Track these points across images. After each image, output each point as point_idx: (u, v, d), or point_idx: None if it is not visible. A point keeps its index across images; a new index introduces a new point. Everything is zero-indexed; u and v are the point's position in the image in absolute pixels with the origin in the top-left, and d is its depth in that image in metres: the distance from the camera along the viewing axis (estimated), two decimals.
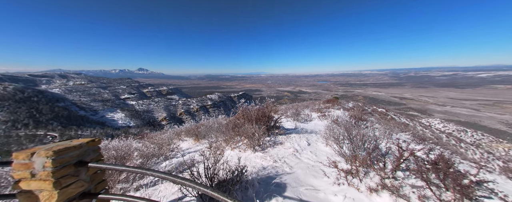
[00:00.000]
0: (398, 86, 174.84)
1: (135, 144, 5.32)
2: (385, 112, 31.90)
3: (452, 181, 2.18)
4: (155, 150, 4.55)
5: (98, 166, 1.44)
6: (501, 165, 7.58)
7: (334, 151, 4.23)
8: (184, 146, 5.80)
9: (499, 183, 3.76)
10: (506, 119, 64.78)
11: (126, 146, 4.13)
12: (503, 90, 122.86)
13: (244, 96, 53.83)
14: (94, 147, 1.63)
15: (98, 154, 1.64)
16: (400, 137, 6.70)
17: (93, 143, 1.61)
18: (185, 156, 4.48)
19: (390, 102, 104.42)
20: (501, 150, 30.70)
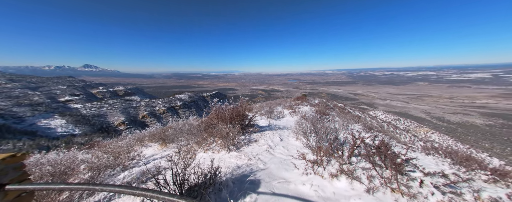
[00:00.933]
0: (353, 84, 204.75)
1: (82, 155, 4.40)
2: (343, 106, 36.79)
3: (390, 161, 2.72)
4: (110, 160, 3.89)
5: (21, 188, 1.12)
6: (421, 145, 9.92)
7: (303, 144, 4.61)
8: (148, 153, 5.17)
9: (420, 159, 4.92)
10: (425, 109, 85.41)
11: (69, 159, 3.36)
12: (423, 86, 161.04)
13: (217, 96, 51.68)
14: (16, 164, 1.26)
15: (21, 172, 1.28)
16: (354, 127, 7.88)
17: (13, 159, 1.24)
18: (149, 164, 4.00)
19: (347, 98, 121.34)
20: (422, 133, 40.21)
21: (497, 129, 55.37)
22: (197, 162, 3.08)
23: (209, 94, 51.15)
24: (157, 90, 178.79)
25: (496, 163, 9.90)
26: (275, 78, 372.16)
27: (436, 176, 2.60)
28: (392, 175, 2.52)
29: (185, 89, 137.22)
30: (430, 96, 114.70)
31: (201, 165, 3.01)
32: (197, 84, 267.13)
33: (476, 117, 67.91)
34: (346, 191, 2.35)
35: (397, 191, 2.26)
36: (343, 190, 2.40)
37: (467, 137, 49.60)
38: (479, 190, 2.37)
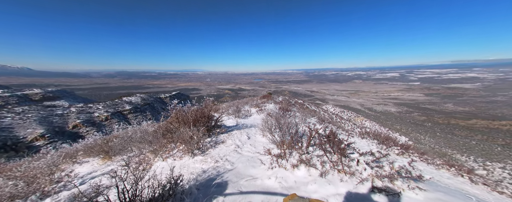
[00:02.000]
0: (309, 83, 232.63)
1: None
2: (302, 102, 41.05)
3: (336, 147, 3.27)
4: (19, 188, 2.84)
5: None
6: (358, 131, 12.45)
7: (268, 140, 4.86)
8: (83, 171, 4.11)
9: (357, 142, 6.14)
10: (360, 102, 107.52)
11: None
12: (358, 83, 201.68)
13: (178, 97, 46.18)
14: None
15: None
16: (311, 120, 8.99)
17: None
18: (84, 184, 3.19)
19: (305, 95, 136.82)
20: (359, 121, 50.19)
21: (404, 114, 76.56)
22: (153, 174, 2.70)
23: (168, 95, 44.58)
24: (95, 92, 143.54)
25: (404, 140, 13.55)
26: (241, 77, 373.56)
27: (367, 155, 3.33)
28: (338, 158, 3.05)
29: (136, 90, 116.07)
30: (363, 91, 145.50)
31: (159, 176, 2.66)
32: (152, 84, 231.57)
33: (391, 106, 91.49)
34: (305, 178, 2.65)
35: (342, 171, 2.75)
36: (302, 177, 2.70)
37: (386, 121, 66.10)
38: (392, 161, 3.21)
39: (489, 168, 34.26)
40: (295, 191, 2.28)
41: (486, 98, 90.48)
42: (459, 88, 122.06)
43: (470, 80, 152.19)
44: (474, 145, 45.72)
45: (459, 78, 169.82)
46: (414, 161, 4.85)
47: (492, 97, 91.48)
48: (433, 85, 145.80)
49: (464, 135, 52.06)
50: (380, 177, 2.61)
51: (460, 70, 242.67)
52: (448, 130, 56.39)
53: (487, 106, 77.41)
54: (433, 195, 2.46)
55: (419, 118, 70.70)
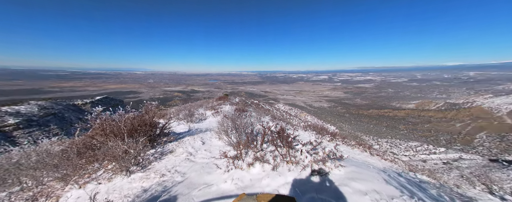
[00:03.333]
0: (263, 84, 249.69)
1: None
2: (258, 103, 43.22)
3: (285, 141, 3.69)
4: None
5: None
6: (303, 125, 14.68)
7: (225, 142, 4.76)
8: None
9: (301, 135, 7.21)
10: (303, 100, 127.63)
11: None
12: (301, 84, 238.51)
13: (105, 102, 35.25)
14: None
15: None
16: (265, 119, 9.67)
17: None
18: None
19: (260, 95, 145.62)
20: (303, 116, 59.03)
21: (332, 109, 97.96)
22: None
23: (89, 101, 32.52)
24: None
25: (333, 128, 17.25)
26: (194, 78, 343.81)
27: (307, 145, 3.99)
28: (287, 151, 3.46)
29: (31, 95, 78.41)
30: (305, 91, 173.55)
31: None
32: (59, 87, 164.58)
33: (324, 102, 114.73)
34: (259, 174, 2.82)
35: (289, 162, 3.14)
36: (257, 174, 2.85)
37: (321, 115, 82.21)
38: (324, 147, 4.03)
39: (380, 143, 50.11)
40: (250, 188, 2.37)
41: (376, 95, 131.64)
42: (362, 87, 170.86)
43: (368, 82, 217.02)
44: (372, 128, 65.48)
45: (362, 80, 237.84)
46: (338, 145, 6.28)
47: (379, 94, 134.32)
48: (348, 85, 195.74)
49: (366, 121, 73.50)
50: (317, 161, 3.20)
51: (363, 75, 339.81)
52: (358, 119, 77.63)
53: (377, 100, 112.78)
54: (350, 169, 3.30)
55: (341, 110, 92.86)
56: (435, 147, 43.70)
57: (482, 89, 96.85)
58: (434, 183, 3.61)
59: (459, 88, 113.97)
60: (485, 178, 3.95)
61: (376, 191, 2.41)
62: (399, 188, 2.51)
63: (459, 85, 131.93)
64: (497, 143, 42.54)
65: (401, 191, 2.41)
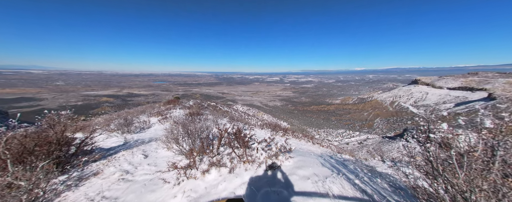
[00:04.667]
0: (220, 85, 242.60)
1: None
2: (215, 105, 41.44)
3: (241, 141, 3.75)
4: None
5: None
6: (260, 124, 15.50)
7: (175, 152, 4.22)
8: None
9: (258, 133, 7.59)
10: (260, 100, 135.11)
11: None
12: (257, 85, 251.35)
13: None
14: None
15: None
16: (222, 121, 9.42)
17: None
18: None
19: (218, 97, 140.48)
20: (260, 115, 62.22)
21: (284, 107, 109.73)
22: None
23: None
24: None
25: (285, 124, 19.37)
26: (132, 79, 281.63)
27: (263, 142, 4.25)
28: (244, 151, 3.53)
29: None
30: (261, 91, 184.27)
31: None
32: None
33: (277, 101, 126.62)
34: (216, 180, 2.71)
35: (246, 161, 3.23)
36: (213, 180, 2.72)
37: (276, 113, 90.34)
38: (277, 143, 4.45)
39: (319, 133, 60.99)
40: (204, 197, 2.23)
41: (315, 93, 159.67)
42: (306, 87, 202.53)
43: (309, 83, 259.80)
44: (313, 121, 78.80)
45: (305, 81, 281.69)
46: (288, 139, 7.09)
47: (317, 92, 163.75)
48: (295, 86, 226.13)
49: (309, 115, 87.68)
50: (270, 157, 3.47)
51: (305, 77, 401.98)
52: (304, 114, 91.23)
53: (316, 97, 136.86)
54: (297, 159, 3.81)
55: (291, 108, 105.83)
56: (353, 132, 58.46)
57: (376, 87, 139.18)
58: (352, 159, 4.84)
59: (364, 87, 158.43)
60: (379, 151, 5.70)
61: (315, 174, 2.92)
62: (331, 168, 3.16)
63: (364, 85, 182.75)
64: (386, 125, 62.55)
65: (332, 170, 3.05)
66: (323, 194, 2.27)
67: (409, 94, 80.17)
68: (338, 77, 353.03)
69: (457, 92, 66.23)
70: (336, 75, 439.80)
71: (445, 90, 71.00)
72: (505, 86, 55.17)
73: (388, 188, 2.54)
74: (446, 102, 63.54)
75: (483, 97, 53.47)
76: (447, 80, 76.30)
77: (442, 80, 77.26)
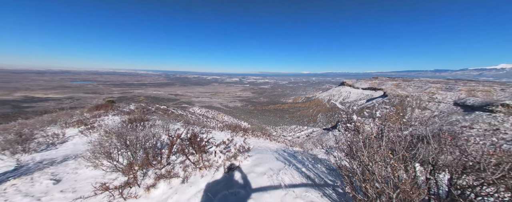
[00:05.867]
0: (172, 86, 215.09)
1: None
2: (166, 108, 36.43)
3: (197, 146, 3.49)
4: None
5: None
6: (220, 126, 14.98)
7: (108, 169, 3.35)
8: None
9: (217, 135, 7.31)
10: (220, 101, 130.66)
11: None
12: (216, 86, 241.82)
13: None
14: None
15: None
16: (175, 126, 8.40)
17: None
18: None
19: (169, 99, 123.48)
20: (220, 117, 60.34)
21: (244, 107, 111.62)
22: None
23: None
24: None
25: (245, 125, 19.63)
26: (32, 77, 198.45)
27: (221, 145, 4.14)
28: (200, 156, 3.30)
29: None
30: (220, 92, 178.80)
31: None
32: None
33: (238, 102, 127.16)
34: (165, 194, 2.37)
35: (202, 167, 3.03)
36: (161, 195, 2.37)
37: (236, 114, 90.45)
38: (236, 143, 4.46)
39: (276, 130, 66.26)
40: None
41: (272, 93, 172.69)
42: (263, 88, 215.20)
43: (266, 84, 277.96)
44: (271, 119, 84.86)
45: (263, 82, 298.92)
46: (247, 138, 7.28)
47: (274, 93, 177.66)
48: (254, 87, 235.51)
49: (267, 114, 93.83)
50: (229, 158, 3.43)
51: (263, 78, 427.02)
52: (262, 113, 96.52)
53: (273, 97, 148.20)
54: (256, 156, 3.97)
55: (251, 108, 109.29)
56: (303, 127, 67.56)
57: (318, 88, 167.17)
58: (301, 151, 5.60)
59: (309, 88, 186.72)
60: (320, 141, 6.91)
61: (271, 168, 3.15)
62: (284, 161, 3.51)
63: (309, 86, 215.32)
64: (325, 119, 76.24)
65: (284, 163, 3.40)
66: (276, 186, 2.49)
67: (339, 93, 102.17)
68: (290, 79, 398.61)
69: (367, 91, 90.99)
70: (288, 77, 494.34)
71: (360, 90, 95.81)
72: (393, 87, 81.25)
73: (325, 171, 3.12)
74: (361, 98, 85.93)
75: (381, 95, 76.48)
76: (361, 82, 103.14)
77: (358, 83, 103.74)
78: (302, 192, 2.29)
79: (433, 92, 57.27)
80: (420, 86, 69.63)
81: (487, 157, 1.53)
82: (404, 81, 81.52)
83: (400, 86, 77.70)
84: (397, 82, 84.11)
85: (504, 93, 48.89)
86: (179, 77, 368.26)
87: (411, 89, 68.52)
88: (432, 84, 66.45)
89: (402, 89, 72.17)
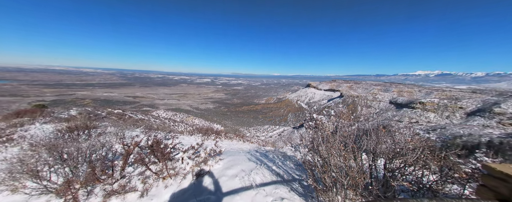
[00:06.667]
0: (129, 86, 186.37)
1: None
2: (122, 112, 31.38)
3: (161, 154, 3.14)
4: None
5: None
6: (190, 129, 13.91)
7: (30, 193, 2.59)
8: None
9: (186, 140, 6.77)
10: (189, 103, 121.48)
11: None
12: (185, 87, 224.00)
13: None
14: None
15: None
16: (133, 133, 7.29)
17: None
18: None
19: (125, 102, 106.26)
20: (190, 120, 56.21)
21: (217, 109, 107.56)
22: None
23: None
24: None
25: (219, 127, 18.93)
26: None
27: (189, 150, 3.86)
28: (163, 165, 2.97)
29: None
30: (190, 94, 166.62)
31: None
32: None
33: (210, 104, 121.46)
34: None
35: (167, 176, 2.74)
36: None
37: (208, 116, 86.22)
38: (206, 147, 4.25)
39: (250, 131, 66.81)
40: None
41: (245, 94, 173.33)
42: (237, 89, 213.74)
43: (240, 85, 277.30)
44: (245, 120, 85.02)
45: (236, 83, 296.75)
46: (218, 141, 7.07)
47: (247, 94, 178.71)
48: (227, 88, 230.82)
49: (241, 116, 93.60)
50: (198, 164, 3.24)
51: (236, 79, 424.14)
52: (236, 115, 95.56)
53: (246, 98, 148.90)
54: (228, 159, 3.88)
55: (224, 110, 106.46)
56: (275, 126, 70.68)
57: (288, 89, 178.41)
58: (272, 149, 5.84)
59: (280, 89, 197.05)
60: (290, 139, 7.38)
61: (243, 170, 3.15)
62: (255, 161, 3.58)
63: (280, 87, 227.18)
64: (295, 118, 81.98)
65: (256, 163, 3.46)
66: (248, 187, 2.51)
67: (306, 94, 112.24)
68: (263, 80, 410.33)
69: (328, 92, 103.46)
70: (261, 79, 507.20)
71: (323, 91, 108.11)
72: (347, 89, 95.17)
73: (293, 167, 3.35)
74: (324, 99, 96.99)
75: (339, 95, 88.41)
76: (323, 84, 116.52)
77: (321, 85, 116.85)
78: (272, 189, 2.39)
79: (375, 93, 70.37)
80: (366, 88, 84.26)
81: (407, 144, 1.98)
82: (355, 84, 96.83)
83: (352, 88, 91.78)
84: (350, 84, 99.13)
85: (421, 94, 64.72)
86: (139, 77, 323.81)
87: (360, 91, 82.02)
88: (374, 86, 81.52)
89: (354, 90, 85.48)
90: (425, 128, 24.63)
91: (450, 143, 16.18)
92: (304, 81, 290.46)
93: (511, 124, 34.70)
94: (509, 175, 0.93)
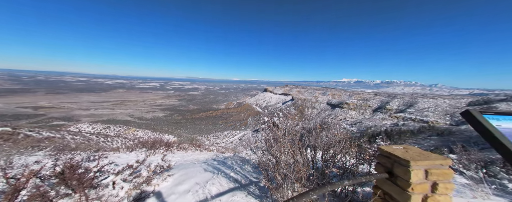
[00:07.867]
0: (27, 93, 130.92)
1: None
2: (11, 130, 21.78)
3: (77, 182, 2.34)
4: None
5: None
6: (130, 144, 11.27)
7: None
8: None
9: (121, 159, 5.42)
10: (129, 112, 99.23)
11: None
12: (122, 93, 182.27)
13: None
14: None
15: None
16: (31, 158, 5.08)
17: None
18: None
19: (19, 115, 73.07)
20: (130, 133, 46.12)
21: (168, 117, 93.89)
22: None
23: None
24: None
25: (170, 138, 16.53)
26: None
27: (125, 170, 3.11)
28: (83, 196, 2.22)
29: None
30: (130, 101, 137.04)
31: None
32: None
33: (158, 112, 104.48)
34: None
35: None
36: None
37: (157, 126, 73.77)
38: (150, 164, 3.58)
39: (209, 138, 62.83)
40: None
41: (203, 100, 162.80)
42: (193, 95, 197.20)
43: (196, 90, 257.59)
44: (203, 128, 79.20)
45: (192, 88, 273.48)
46: (172, 153, 6.20)
47: (205, 99, 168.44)
48: (181, 93, 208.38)
49: (199, 123, 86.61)
50: (138, 186, 2.66)
51: (191, 83, 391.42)
52: (193, 122, 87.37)
53: (204, 104, 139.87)
54: (179, 174, 3.42)
55: (177, 118, 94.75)
56: (235, 131, 70.22)
57: (247, 94, 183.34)
58: (232, 155, 5.72)
59: (240, 94, 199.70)
60: (250, 142, 7.49)
61: (197, 183, 2.87)
62: (212, 171, 3.36)
63: (240, 92, 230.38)
64: (255, 121, 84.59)
65: (212, 172, 3.25)
66: (202, 200, 2.30)
67: (263, 98, 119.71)
68: (222, 85, 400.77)
69: (282, 96, 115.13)
70: (219, 84, 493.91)
71: (278, 95, 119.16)
72: (297, 93, 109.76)
73: (251, 170, 3.41)
74: (279, 102, 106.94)
75: (291, 99, 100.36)
76: (278, 89, 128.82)
77: (276, 89, 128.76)
78: (228, 198, 2.30)
79: (317, 96, 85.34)
80: (311, 92, 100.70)
81: (335, 137, 2.48)
82: (303, 89, 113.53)
83: (301, 92, 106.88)
84: (299, 89, 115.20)
85: (346, 96, 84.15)
86: (45, 80, 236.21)
87: (306, 94, 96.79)
88: (316, 91, 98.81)
89: (301, 94, 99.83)
90: (350, 122, 32.30)
91: (365, 133, 21.79)
92: (261, 86, 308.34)
93: (396, 117, 51.77)
94: (389, 152, 1.36)
